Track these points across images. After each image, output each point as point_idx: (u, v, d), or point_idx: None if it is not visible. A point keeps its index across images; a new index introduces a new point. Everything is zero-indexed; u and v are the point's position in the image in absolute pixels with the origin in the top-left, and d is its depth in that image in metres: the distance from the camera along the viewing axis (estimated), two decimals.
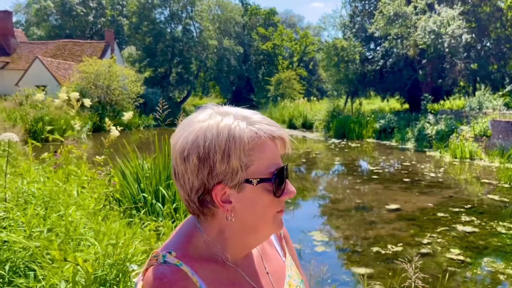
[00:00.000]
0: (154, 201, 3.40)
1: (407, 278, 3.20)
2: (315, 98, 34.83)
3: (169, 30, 39.96)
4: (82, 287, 1.62)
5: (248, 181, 0.84)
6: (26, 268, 1.91)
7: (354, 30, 26.59)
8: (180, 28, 41.03)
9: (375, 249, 5.89)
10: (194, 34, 41.34)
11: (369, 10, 26.36)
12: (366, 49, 26.53)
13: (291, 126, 28.28)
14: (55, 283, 1.70)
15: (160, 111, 4.80)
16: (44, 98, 18.23)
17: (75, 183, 3.17)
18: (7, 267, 1.86)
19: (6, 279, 1.81)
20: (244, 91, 50.98)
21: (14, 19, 58.90)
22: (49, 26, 55.00)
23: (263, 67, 49.62)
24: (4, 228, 2.13)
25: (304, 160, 14.84)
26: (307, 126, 27.74)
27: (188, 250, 0.87)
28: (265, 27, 49.90)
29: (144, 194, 3.55)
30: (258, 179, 0.85)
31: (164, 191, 3.53)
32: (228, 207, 0.86)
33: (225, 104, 0.94)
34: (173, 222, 3.13)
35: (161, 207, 3.35)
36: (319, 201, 9.30)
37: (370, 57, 26.36)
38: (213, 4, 47.27)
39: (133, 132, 24.85)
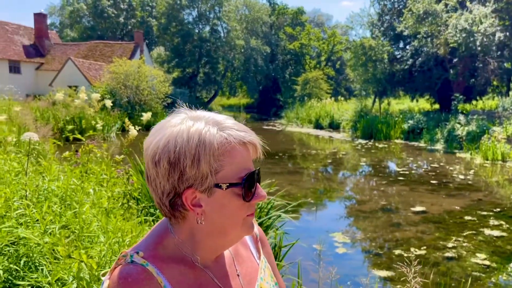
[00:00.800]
0: None
1: (432, 282, 3.13)
2: (342, 98, 34.45)
3: (197, 30, 40.40)
4: (86, 283, 1.67)
5: (217, 185, 0.85)
6: (38, 264, 1.98)
7: (382, 28, 26.16)
8: (207, 28, 41.41)
9: (397, 251, 5.78)
10: (222, 34, 41.63)
11: (398, 8, 25.87)
12: (394, 48, 26.05)
13: (318, 126, 28.09)
14: (64, 278, 1.75)
15: None
16: (63, 98, 18.72)
17: (93, 181, 3.26)
18: (22, 262, 1.94)
19: (21, 273, 1.89)
20: (271, 91, 50.94)
21: (48, 21, 60.87)
22: (82, 27, 56.54)
23: (290, 67, 49.46)
24: (21, 224, 2.21)
25: (329, 161, 14.72)
26: (334, 126, 27.49)
27: (157, 251, 0.89)
28: (293, 27, 49.70)
29: None
30: (228, 184, 0.86)
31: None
32: (199, 211, 0.87)
33: (251, 104, 0.96)
34: None
35: None
36: (343, 202, 9.20)
37: (398, 56, 25.87)
38: (240, 4, 47.46)
39: None
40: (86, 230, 2.28)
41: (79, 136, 4.44)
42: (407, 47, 25.46)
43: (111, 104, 7.24)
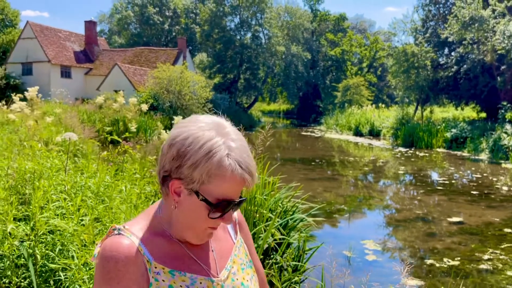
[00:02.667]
0: None
1: None
2: (383, 105, 33.84)
3: (238, 37, 40.94)
4: None
5: (197, 193, 0.99)
6: (70, 250, 2.19)
7: (426, 35, 25.53)
8: (249, 35, 41.87)
9: (429, 261, 5.68)
10: (263, 41, 41.97)
11: (444, 14, 25.19)
12: (438, 55, 25.33)
13: (357, 133, 27.75)
14: (90, 262, 1.94)
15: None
16: (104, 102, 19.49)
17: (126, 179, 3.47)
18: (57, 249, 2.15)
19: (56, 259, 2.09)
20: (311, 97, 50.75)
21: (98, 28, 63.63)
22: (129, 34, 58.71)
23: (331, 73, 49.12)
24: (57, 215, 2.43)
25: (367, 168, 14.55)
26: (374, 133, 27.07)
27: (142, 225, 1.06)
28: (334, 33, 49.39)
29: None
30: (203, 198, 0.99)
31: None
32: (176, 199, 1.02)
33: (291, 110, 1.08)
34: None
35: None
36: (378, 210, 9.09)
37: (443, 63, 25.14)
38: (282, 11, 47.69)
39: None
40: (116, 223, 2.46)
41: (116, 137, 4.69)
42: (452, 53, 24.71)
43: (147, 108, 7.53)
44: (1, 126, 7.62)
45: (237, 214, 1.26)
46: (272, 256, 3.48)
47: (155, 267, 1.01)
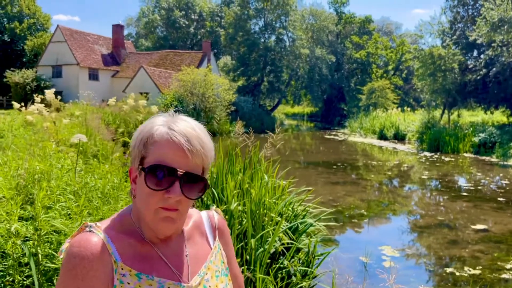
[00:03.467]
0: (209, 202, 3.61)
1: None
2: (409, 109, 33.24)
3: (262, 40, 41.00)
4: None
5: (142, 169, 1.00)
6: None
7: (454, 37, 24.95)
8: (273, 38, 41.89)
9: (449, 270, 5.52)
10: (287, 44, 41.91)
11: (472, 15, 24.57)
12: (467, 58, 24.71)
13: (382, 137, 27.35)
14: None
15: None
16: (115, 104, 19.79)
17: None
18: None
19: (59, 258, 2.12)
20: (335, 100, 50.36)
21: (126, 31, 64.95)
22: (155, 37, 59.65)
23: (355, 76, 48.59)
24: (63, 216, 2.46)
25: (390, 173, 14.29)
26: (399, 137, 26.62)
27: (114, 224, 1.04)
28: (360, 36, 48.86)
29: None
30: (141, 168, 1.00)
31: (215, 192, 3.73)
32: (133, 187, 1.04)
33: (316, 113, 1.06)
34: None
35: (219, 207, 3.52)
36: (398, 215, 8.90)
37: (471, 66, 24.51)
38: (306, 14, 47.50)
39: (223, 138, 25.93)
40: None
41: (127, 139, 4.74)
42: (481, 56, 24.07)
43: (157, 110, 7.60)
44: (24, 127, 7.83)
45: (217, 220, 1.22)
46: (280, 260, 3.44)
47: (122, 269, 0.98)
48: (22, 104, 8.15)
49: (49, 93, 7.66)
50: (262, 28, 41.51)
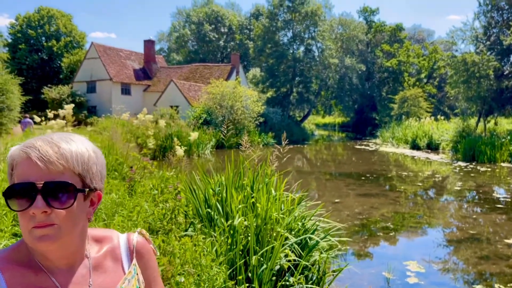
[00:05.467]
0: (216, 216, 3.54)
1: None
2: (442, 117, 32.28)
3: (291, 51, 41.02)
4: None
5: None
6: None
7: (488, 43, 24.12)
8: (302, 48, 41.84)
9: (478, 287, 5.22)
10: (316, 54, 41.74)
11: (507, 20, 23.72)
12: (502, 63, 23.81)
13: (414, 146, 26.66)
14: None
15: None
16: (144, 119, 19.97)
17: (138, 196, 3.49)
18: None
19: None
20: (366, 110, 49.61)
21: (158, 46, 66.70)
22: (186, 51, 60.85)
23: (387, 85, 47.75)
24: None
25: (421, 184, 13.82)
26: (433, 147, 25.87)
27: (8, 253, 0.99)
28: (390, 44, 48.09)
29: (208, 210, 3.72)
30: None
31: (219, 206, 3.66)
32: None
33: (347, 123, 0.99)
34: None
35: (224, 222, 3.45)
36: (426, 229, 8.55)
37: (506, 72, 23.59)
38: (335, 24, 47.26)
39: (253, 149, 25.92)
40: None
41: (135, 154, 4.76)
42: None
43: (164, 124, 7.66)
44: None
45: (136, 242, 1.14)
46: (286, 278, 3.32)
47: None
48: (43, 118, 8.36)
49: (68, 108, 7.85)
50: (290, 39, 41.56)
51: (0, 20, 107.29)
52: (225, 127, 5.23)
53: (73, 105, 8.31)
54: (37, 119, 7.63)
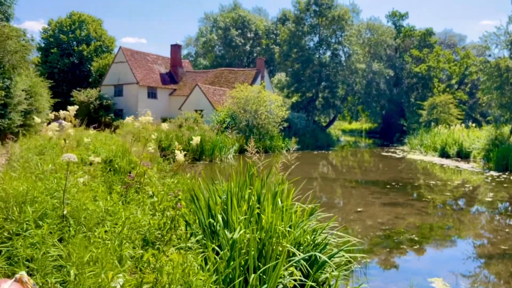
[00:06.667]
0: (219, 228, 3.28)
1: None
2: (474, 124, 31.14)
3: (317, 56, 40.57)
4: None
5: None
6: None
7: None
8: (328, 53, 41.33)
9: None
10: (342, 59, 41.14)
11: None
12: None
13: (443, 154, 25.76)
14: None
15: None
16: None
17: (134, 203, 3.28)
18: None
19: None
20: (394, 116, 48.54)
21: (186, 51, 67.34)
22: (213, 56, 61.17)
23: (416, 91, 46.60)
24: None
25: (449, 194, 13.21)
26: (463, 155, 24.93)
27: None
28: (420, 49, 46.95)
29: (210, 220, 3.46)
30: None
31: (223, 217, 3.39)
32: None
33: (374, 129, 0.74)
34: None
35: (226, 234, 3.18)
36: (454, 243, 8.05)
37: None
38: (363, 28, 46.52)
39: (275, 154, 25.62)
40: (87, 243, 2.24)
41: (134, 158, 4.55)
42: None
43: (167, 127, 7.50)
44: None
45: None
46: None
47: None
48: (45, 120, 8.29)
49: (72, 110, 7.76)
50: (316, 44, 41.11)
51: (36, 25, 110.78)
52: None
53: (77, 106, 8.26)
54: (37, 120, 7.51)
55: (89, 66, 44.80)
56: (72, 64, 45.28)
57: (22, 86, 20.57)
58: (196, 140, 5.03)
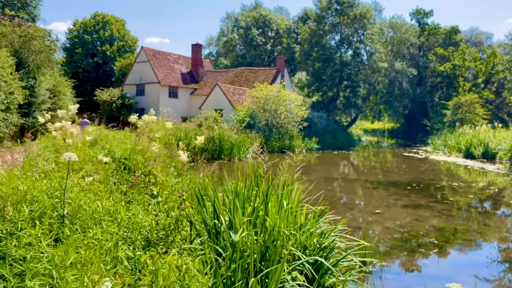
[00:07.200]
0: (223, 229, 3.20)
1: None
2: (500, 125, 30.25)
3: (338, 54, 40.14)
4: None
5: None
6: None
7: None
8: (349, 52, 40.85)
9: None
10: (364, 57, 40.59)
11: None
12: None
13: (468, 155, 25.11)
14: None
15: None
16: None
17: (135, 203, 3.23)
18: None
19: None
20: (417, 116, 47.61)
21: (207, 51, 67.64)
22: (234, 55, 61.26)
23: (440, 90, 45.59)
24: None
25: (472, 196, 12.82)
26: (488, 156, 24.24)
27: None
28: (445, 47, 45.90)
29: (215, 221, 3.39)
30: None
31: (222, 218, 3.29)
32: None
33: (397, 129, 0.67)
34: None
35: (231, 235, 3.10)
36: (475, 247, 7.78)
37: None
38: (385, 27, 45.79)
39: (295, 154, 25.43)
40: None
41: (139, 158, 4.51)
42: None
43: (171, 125, 7.50)
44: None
45: None
46: None
47: None
48: (45, 120, 8.25)
49: (73, 109, 7.80)
50: (338, 43, 40.69)
51: (63, 25, 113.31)
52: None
53: (77, 105, 8.30)
54: (41, 120, 7.51)
55: (112, 65, 45.51)
56: (96, 64, 46.11)
57: (46, 86, 21.03)
58: (200, 139, 4.97)
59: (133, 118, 6.68)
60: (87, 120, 21.57)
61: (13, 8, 27.91)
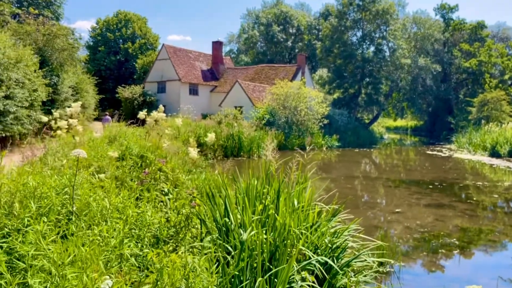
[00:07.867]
0: (233, 227, 3.15)
1: None
2: None
3: (360, 51, 39.59)
4: None
5: None
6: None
7: None
8: (372, 48, 40.21)
9: None
10: (386, 54, 39.90)
11: None
12: None
13: (494, 154, 24.44)
14: None
15: None
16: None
17: (145, 201, 3.21)
18: None
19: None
20: (441, 113, 46.55)
21: (228, 48, 67.72)
22: (255, 52, 61.17)
23: (465, 87, 44.48)
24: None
25: (496, 196, 12.45)
26: None
27: None
28: (470, 43, 44.74)
29: (226, 219, 3.34)
30: None
31: (232, 217, 3.23)
32: None
33: (420, 127, 0.63)
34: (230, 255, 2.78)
35: (241, 233, 3.04)
36: (498, 248, 7.54)
37: None
38: (408, 22, 44.92)
39: (315, 152, 25.22)
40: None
41: (149, 155, 4.49)
42: None
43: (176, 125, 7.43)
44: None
45: None
46: None
47: None
48: (50, 117, 8.17)
49: (75, 106, 7.83)
50: (359, 39, 40.13)
51: (87, 24, 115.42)
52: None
53: (80, 103, 8.32)
54: (44, 119, 7.48)
55: (134, 63, 46.07)
56: (118, 62, 46.76)
57: (69, 83, 21.41)
58: (210, 137, 4.93)
59: (141, 114, 6.70)
60: (109, 117, 21.95)
61: (38, 7, 28.50)
